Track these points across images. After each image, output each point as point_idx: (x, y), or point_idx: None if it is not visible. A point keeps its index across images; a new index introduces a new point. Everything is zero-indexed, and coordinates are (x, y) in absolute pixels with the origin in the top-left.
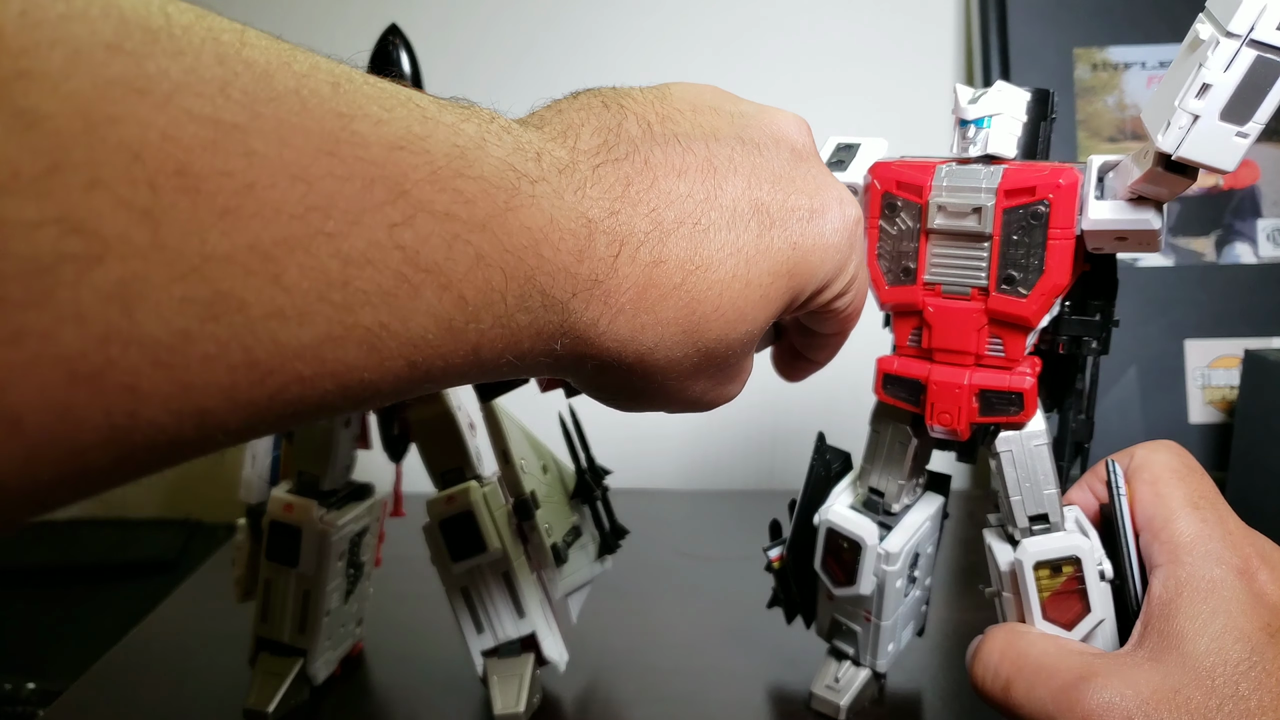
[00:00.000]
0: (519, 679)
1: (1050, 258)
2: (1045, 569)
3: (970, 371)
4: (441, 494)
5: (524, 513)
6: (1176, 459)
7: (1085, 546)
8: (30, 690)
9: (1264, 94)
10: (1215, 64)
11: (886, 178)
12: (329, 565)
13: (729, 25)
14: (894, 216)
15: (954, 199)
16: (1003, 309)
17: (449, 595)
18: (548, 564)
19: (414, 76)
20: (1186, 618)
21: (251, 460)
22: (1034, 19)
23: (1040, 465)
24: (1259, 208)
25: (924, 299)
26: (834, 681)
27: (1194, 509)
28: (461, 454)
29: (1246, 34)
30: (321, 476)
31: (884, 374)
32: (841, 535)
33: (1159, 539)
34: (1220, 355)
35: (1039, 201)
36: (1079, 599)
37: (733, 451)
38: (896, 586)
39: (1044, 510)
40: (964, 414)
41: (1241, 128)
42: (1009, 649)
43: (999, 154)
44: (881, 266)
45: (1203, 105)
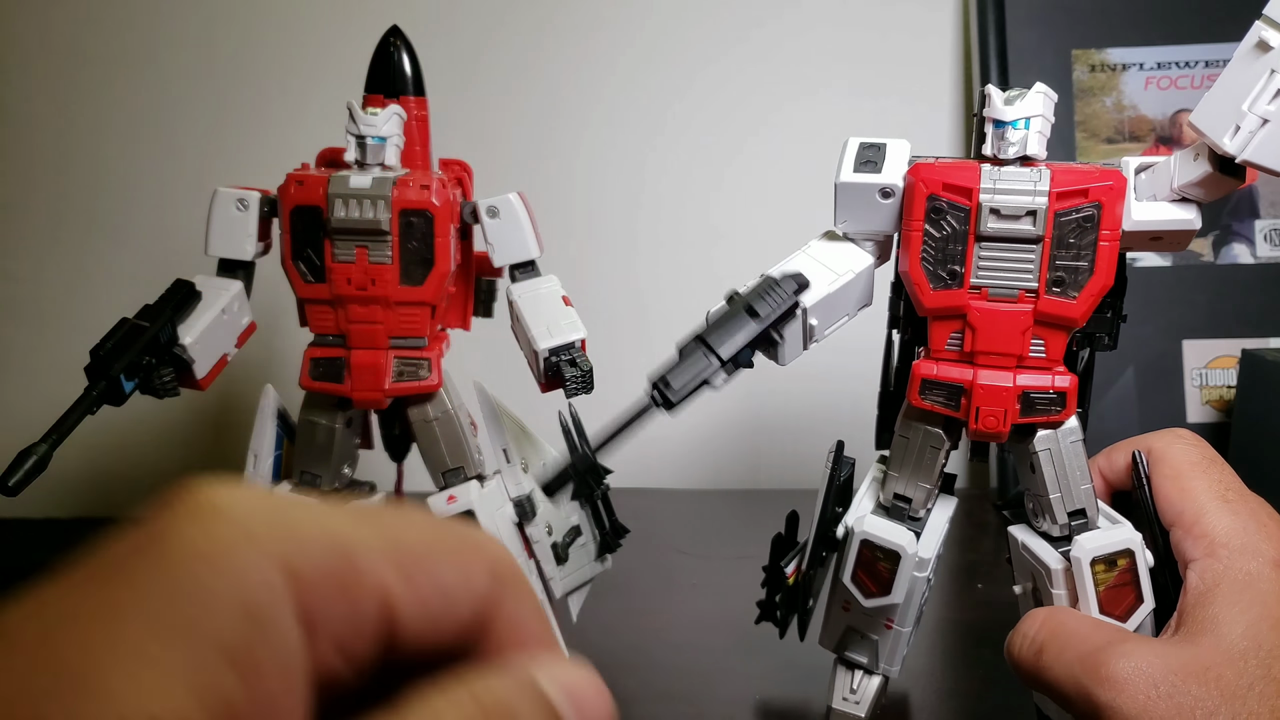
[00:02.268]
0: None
1: (1100, 259)
2: (1101, 564)
3: (1015, 373)
4: (443, 493)
5: (524, 512)
6: (1194, 450)
7: (1136, 539)
8: None
9: None
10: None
11: (931, 179)
12: None
13: (729, 27)
14: (940, 219)
15: (1008, 201)
16: (1052, 311)
17: None
18: (548, 563)
19: (414, 78)
20: (1222, 606)
21: (254, 460)
22: (1032, 21)
23: (1077, 462)
24: (1256, 208)
25: (970, 303)
26: (850, 693)
27: (1224, 502)
28: (463, 454)
29: None
30: (322, 476)
31: (923, 379)
32: (878, 547)
33: (1191, 534)
34: (1217, 355)
35: (1091, 204)
36: (1133, 590)
37: (732, 451)
38: (921, 591)
39: (1082, 505)
40: (1009, 416)
41: None
42: (1049, 620)
43: (1034, 155)
44: (925, 270)
45: (1275, 110)
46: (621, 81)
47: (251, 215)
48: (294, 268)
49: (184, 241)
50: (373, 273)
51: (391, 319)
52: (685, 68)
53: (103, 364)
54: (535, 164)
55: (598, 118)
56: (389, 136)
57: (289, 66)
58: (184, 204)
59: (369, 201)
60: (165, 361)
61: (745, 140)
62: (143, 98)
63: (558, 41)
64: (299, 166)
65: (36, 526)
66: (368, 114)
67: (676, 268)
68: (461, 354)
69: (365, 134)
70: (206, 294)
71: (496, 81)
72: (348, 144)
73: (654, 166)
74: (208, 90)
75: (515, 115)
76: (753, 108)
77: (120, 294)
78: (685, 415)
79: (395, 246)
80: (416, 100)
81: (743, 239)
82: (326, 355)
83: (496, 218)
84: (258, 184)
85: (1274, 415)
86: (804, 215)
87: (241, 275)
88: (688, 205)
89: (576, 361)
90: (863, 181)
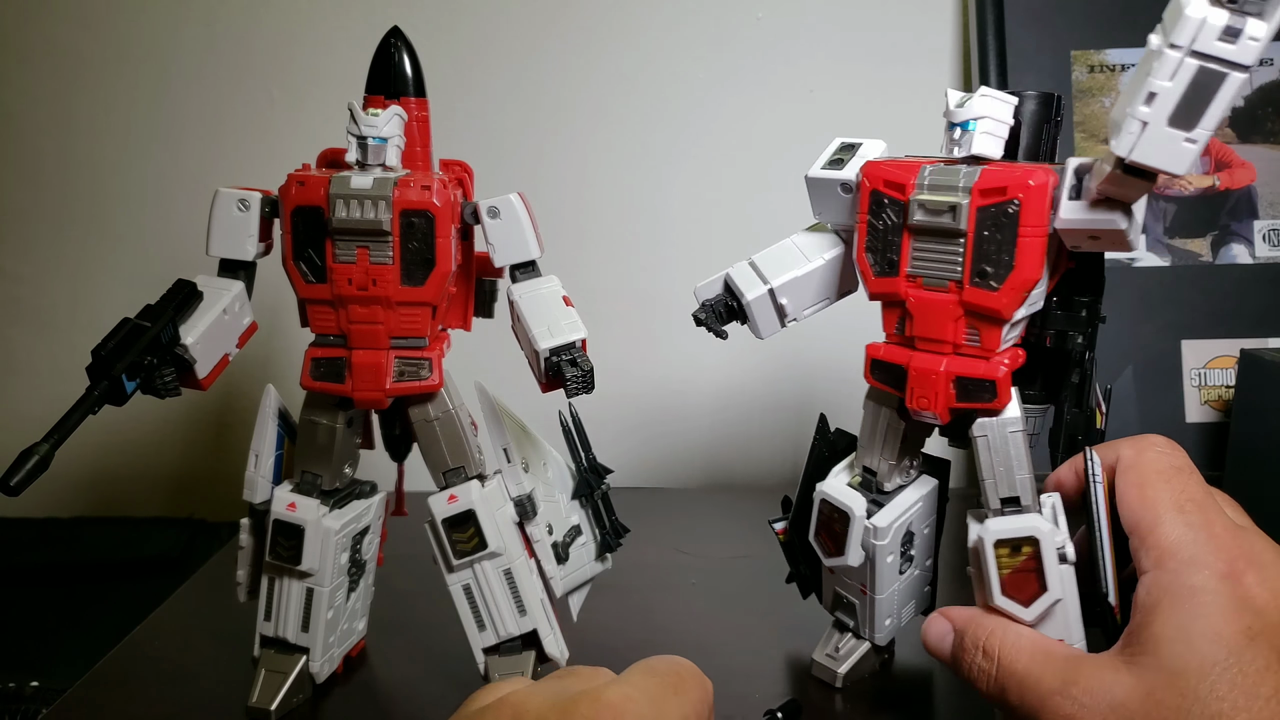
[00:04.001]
0: (520, 676)
1: (1020, 254)
2: (1005, 547)
3: (947, 359)
4: (443, 492)
5: (525, 512)
6: (1163, 458)
7: (1044, 529)
8: (34, 688)
9: (1208, 102)
10: (1161, 73)
11: (875, 176)
12: (331, 564)
13: (729, 27)
14: (880, 212)
15: (932, 197)
16: (976, 301)
17: (451, 593)
18: (549, 562)
19: (415, 79)
20: (1164, 623)
21: (255, 460)
22: (1031, 22)
23: (1014, 451)
24: (1255, 209)
25: (906, 290)
26: (835, 651)
27: (1180, 513)
28: (464, 453)
29: (1189, 45)
30: (323, 476)
31: (871, 359)
32: (833, 507)
33: (1145, 544)
34: (1216, 355)
35: (1009, 201)
36: (1036, 578)
37: (732, 450)
38: (888, 562)
39: (1016, 494)
40: (941, 398)
41: (1189, 133)
42: (1003, 655)
43: (983, 155)
44: (869, 259)
45: (1151, 112)
46: (621, 82)
47: (253, 216)
48: (295, 268)
49: (184, 241)
50: (374, 273)
51: (392, 319)
52: (685, 68)
53: (104, 364)
54: (535, 164)
55: (598, 118)
56: (390, 137)
57: (290, 67)
58: (185, 204)
59: (370, 202)
60: (167, 361)
61: (744, 140)
62: (144, 98)
63: (558, 42)
64: (300, 167)
65: (36, 526)
66: (369, 115)
67: (676, 267)
68: (462, 354)
69: (366, 135)
70: (208, 294)
71: (496, 82)
72: (349, 145)
73: (653, 166)
74: (209, 91)
75: (515, 116)
76: (752, 108)
77: (121, 294)
78: (685, 415)
79: (396, 247)
80: (417, 101)
81: (741, 237)
82: (327, 355)
83: (497, 218)
84: (259, 184)
85: (1273, 415)
86: (802, 212)
87: (243, 275)
88: (687, 204)
89: (577, 361)
90: (826, 177)
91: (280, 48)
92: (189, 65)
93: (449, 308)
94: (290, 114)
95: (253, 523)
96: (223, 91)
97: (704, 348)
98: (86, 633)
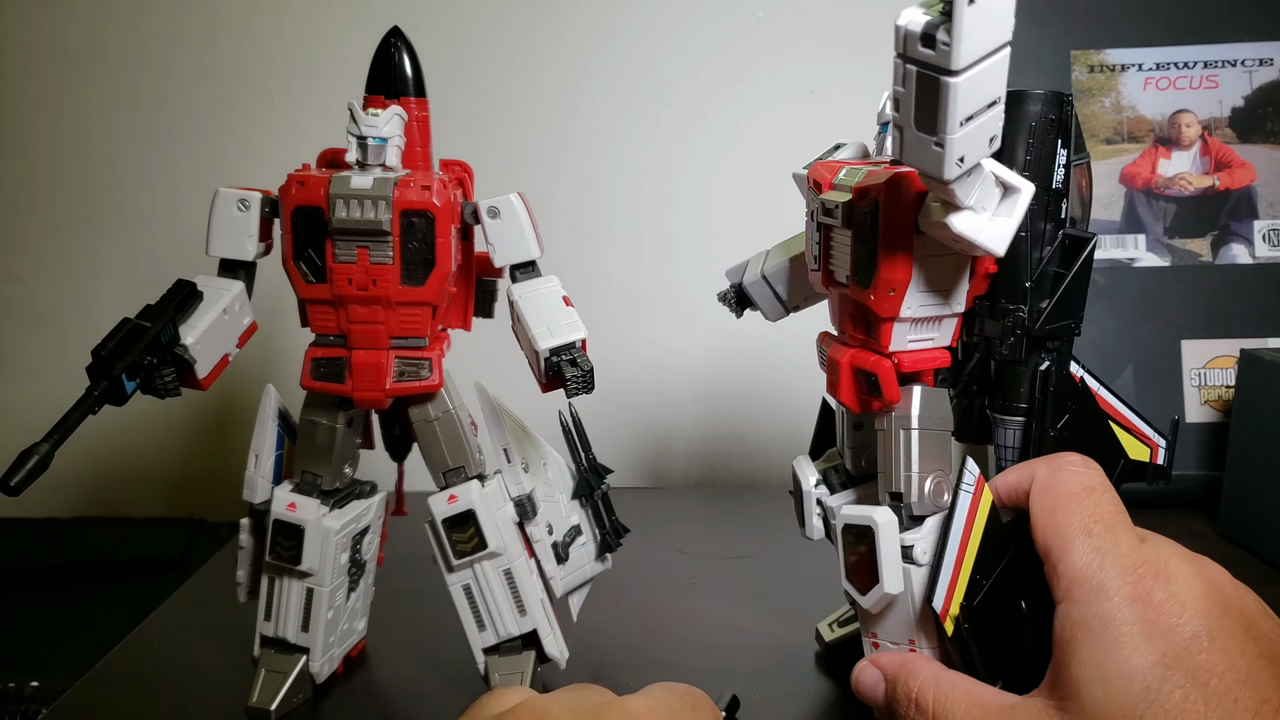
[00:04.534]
0: (520, 676)
1: (882, 254)
2: (851, 533)
3: (851, 351)
4: (443, 492)
5: (525, 512)
6: (1075, 479)
7: (881, 520)
8: (34, 689)
9: (938, 107)
10: (896, 79)
11: (812, 175)
12: (331, 564)
13: (726, 27)
14: (811, 209)
15: (828, 196)
16: (856, 298)
17: (451, 593)
18: (548, 562)
19: (415, 79)
20: (1080, 664)
21: (255, 460)
22: (1031, 22)
23: (903, 448)
24: (1255, 209)
25: (825, 284)
26: (838, 624)
27: (1086, 536)
28: (464, 453)
29: (901, 52)
30: (324, 476)
31: (818, 346)
32: (795, 478)
33: (1055, 572)
34: (1216, 355)
35: (871, 201)
36: (869, 570)
37: (733, 451)
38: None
39: (899, 489)
40: (846, 388)
41: (935, 137)
42: (939, 706)
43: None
44: (808, 253)
45: (900, 117)
46: (620, 81)
47: (252, 216)
48: (295, 268)
49: (183, 241)
50: (374, 273)
51: (393, 319)
52: (684, 67)
53: (104, 364)
54: (535, 164)
55: (597, 117)
56: (390, 137)
57: (289, 67)
58: (184, 204)
59: (370, 202)
60: (167, 361)
61: (744, 140)
62: (143, 98)
63: (557, 42)
64: (300, 167)
65: (36, 526)
66: (369, 115)
67: (677, 267)
68: (462, 354)
69: (366, 135)
70: (208, 294)
71: (496, 82)
72: (349, 145)
73: (653, 166)
74: (208, 91)
75: (515, 116)
76: (752, 108)
77: (120, 293)
78: (685, 414)
79: (396, 247)
80: (417, 101)
81: (741, 237)
82: (328, 355)
83: (497, 218)
84: (259, 185)
85: (1272, 415)
86: (799, 211)
87: (243, 275)
88: (687, 204)
89: (577, 361)
90: (799, 174)
91: (279, 48)
92: (189, 65)
93: (449, 308)
94: (289, 114)
95: (253, 523)
96: (222, 91)
97: (704, 346)
98: (86, 633)
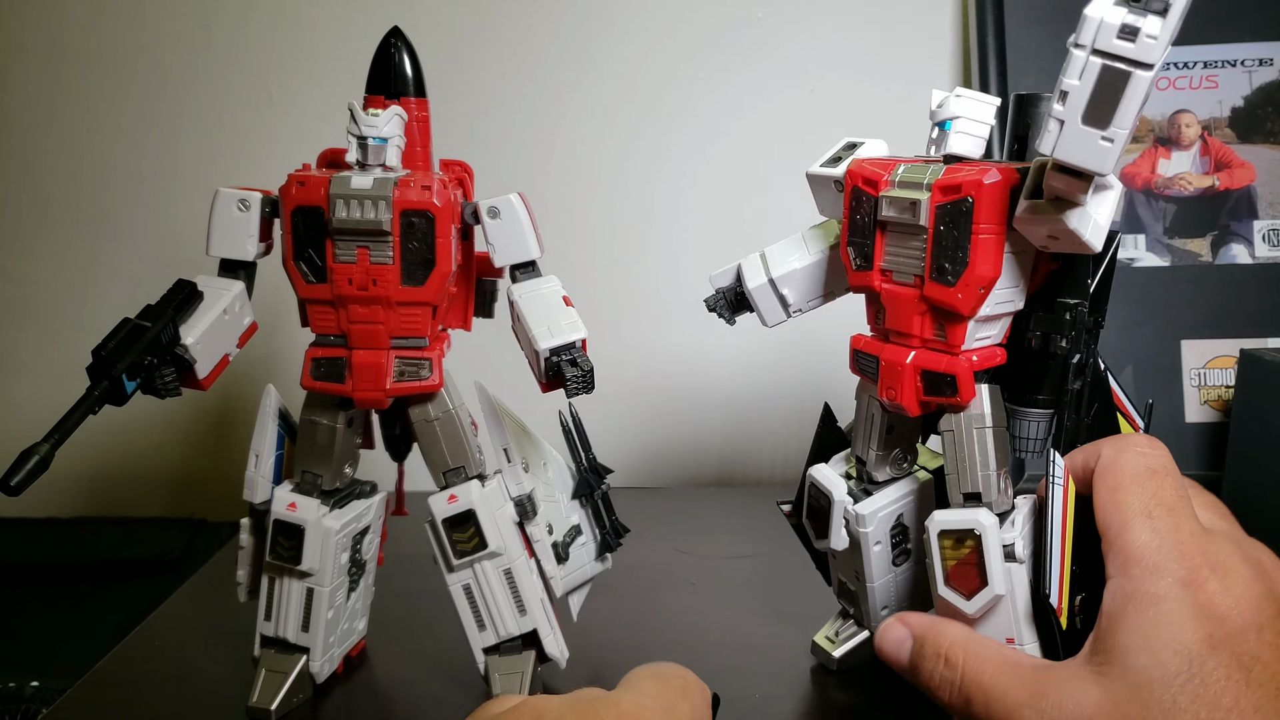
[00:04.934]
0: (520, 676)
1: (975, 251)
2: (949, 539)
3: (915, 352)
4: (444, 492)
5: (525, 511)
6: (1141, 461)
7: (987, 523)
8: (34, 689)
9: (1117, 100)
10: (1070, 71)
11: (856, 173)
12: (331, 563)
13: (728, 28)
14: (859, 208)
15: (899, 193)
16: (935, 296)
17: (451, 592)
18: (549, 562)
19: (415, 79)
20: (1128, 631)
21: (255, 460)
22: (1031, 22)
23: (978, 447)
24: (1255, 209)
25: (879, 284)
26: (834, 635)
27: (1147, 518)
28: (464, 453)
29: (1090, 44)
30: (324, 476)
31: (853, 350)
32: (819, 489)
33: (1112, 549)
34: (1216, 355)
35: (964, 199)
36: (977, 572)
37: (732, 449)
38: (875, 550)
39: (978, 490)
40: (908, 390)
41: (1104, 132)
42: (968, 666)
43: (961, 154)
44: (850, 253)
45: (1065, 110)
46: (620, 81)
47: (253, 216)
48: (295, 268)
49: (183, 241)
50: (374, 273)
51: (393, 319)
52: (684, 67)
53: (105, 364)
54: (534, 164)
55: (597, 117)
56: (390, 137)
57: (288, 67)
58: (183, 203)
59: (370, 202)
60: (167, 361)
61: (744, 139)
62: (142, 98)
63: (557, 42)
64: (300, 167)
65: (36, 526)
66: (369, 115)
67: (672, 267)
68: (462, 354)
69: (366, 135)
70: (208, 294)
71: (497, 82)
72: (349, 145)
73: (653, 165)
74: (207, 90)
75: (515, 116)
76: (752, 108)
77: (119, 293)
78: (684, 414)
79: (396, 247)
80: (417, 101)
81: (741, 235)
82: (328, 355)
83: (497, 218)
84: (258, 184)
85: (1272, 415)
86: (799, 210)
87: (243, 275)
88: (686, 203)
89: (577, 361)
90: (822, 173)
91: (278, 47)
92: (187, 65)
93: (449, 308)
94: (288, 113)
95: (253, 523)
96: (221, 91)
97: (704, 346)
98: (86, 633)
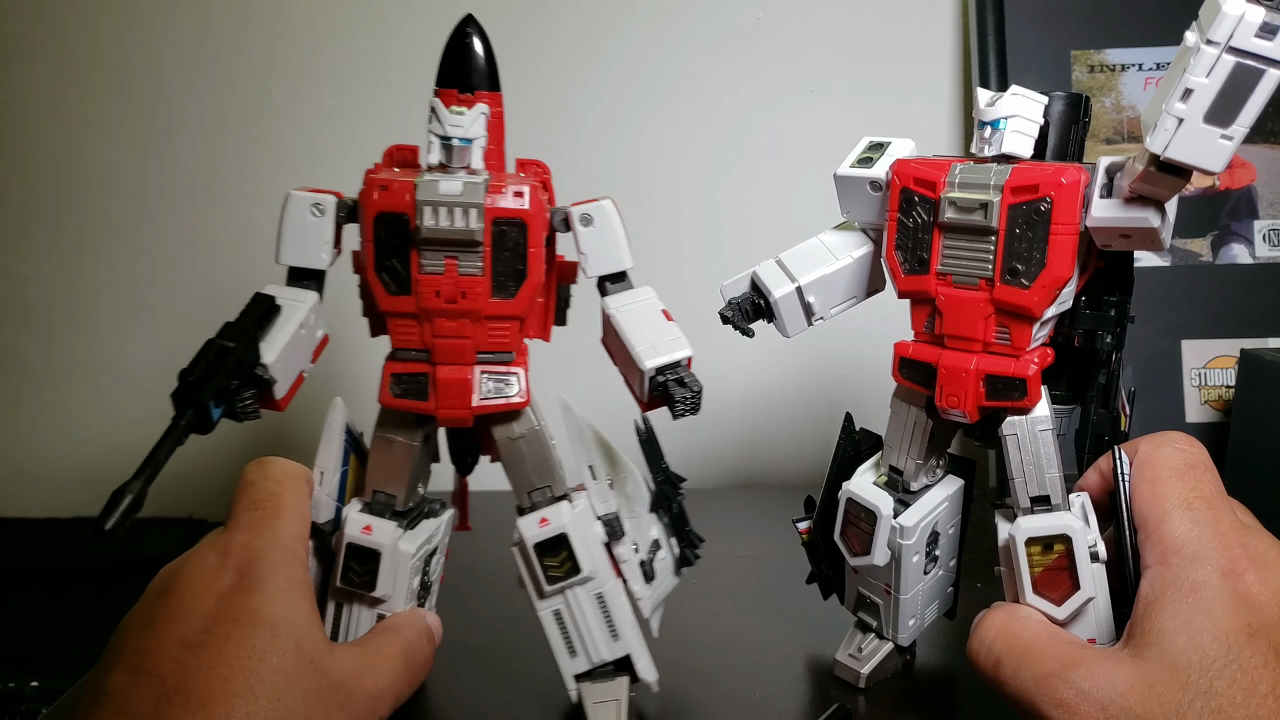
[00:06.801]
0: (616, 704)
1: (1052, 252)
2: (1037, 545)
3: (977, 357)
4: (534, 514)
5: (613, 531)
6: (1179, 455)
7: (1076, 527)
8: (34, 689)
9: (1245, 98)
10: (1198, 70)
11: (905, 174)
12: (405, 588)
13: (730, 28)
14: (910, 210)
15: (964, 194)
16: (1006, 299)
17: (540, 619)
18: (636, 582)
19: (490, 71)
20: (1167, 616)
21: (320, 477)
22: (1032, 22)
23: (1044, 449)
24: (1255, 208)
25: (936, 288)
26: (857, 651)
27: (1187, 509)
28: (550, 472)
29: (1226, 41)
30: (398, 496)
31: (900, 358)
32: (860, 506)
33: (1151, 539)
34: (1216, 355)
35: (1042, 199)
36: (1068, 576)
37: (745, 450)
38: (913, 562)
39: (1045, 492)
40: (971, 397)
41: (1225, 130)
42: (1005, 628)
43: (1013, 154)
44: (898, 257)
45: (1186, 109)
46: (619, 82)
47: (327, 221)
48: (378, 279)
49: (183, 240)
50: (463, 285)
51: (480, 333)
52: (683, 68)
53: (193, 390)
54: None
55: (597, 118)
56: (476, 138)
57: (288, 67)
58: (183, 203)
59: (460, 210)
60: (247, 383)
61: (744, 141)
62: (142, 98)
63: (556, 42)
64: (372, 166)
65: (36, 526)
66: (452, 113)
67: (674, 268)
68: None
69: (451, 135)
70: (284, 308)
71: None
72: (428, 145)
73: (655, 166)
74: (207, 90)
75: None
76: (752, 107)
77: (119, 293)
78: (700, 416)
79: (487, 257)
80: (491, 96)
81: (748, 239)
82: (409, 370)
83: (590, 226)
84: (257, 184)
85: (1273, 415)
86: (801, 210)
87: (314, 284)
88: (689, 205)
89: (685, 381)
90: (855, 175)
91: (278, 47)
92: (187, 64)
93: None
94: (288, 113)
95: (316, 545)
96: (221, 91)
97: (721, 350)
98: (86, 633)
